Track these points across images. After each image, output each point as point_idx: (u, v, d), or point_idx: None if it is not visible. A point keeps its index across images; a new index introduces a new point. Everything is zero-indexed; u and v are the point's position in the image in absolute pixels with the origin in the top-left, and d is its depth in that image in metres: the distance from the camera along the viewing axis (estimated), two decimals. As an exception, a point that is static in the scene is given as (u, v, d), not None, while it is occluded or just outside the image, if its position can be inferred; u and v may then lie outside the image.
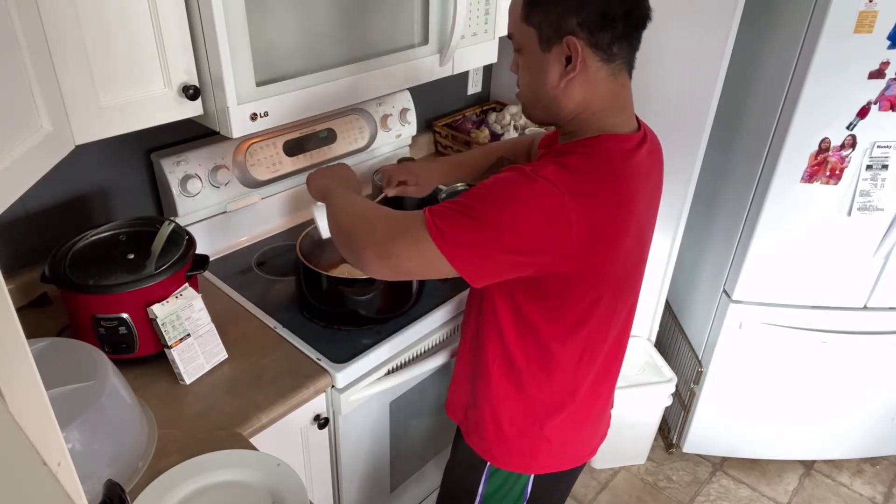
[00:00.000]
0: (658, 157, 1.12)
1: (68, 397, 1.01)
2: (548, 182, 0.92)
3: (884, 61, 1.65)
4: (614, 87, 1.00)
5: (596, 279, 1.01)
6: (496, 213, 0.92)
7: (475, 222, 0.92)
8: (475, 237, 0.92)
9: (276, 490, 1.00)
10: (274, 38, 1.22)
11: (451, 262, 0.93)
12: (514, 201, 0.92)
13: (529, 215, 0.92)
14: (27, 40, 0.93)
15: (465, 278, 0.95)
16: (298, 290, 1.47)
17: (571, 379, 1.13)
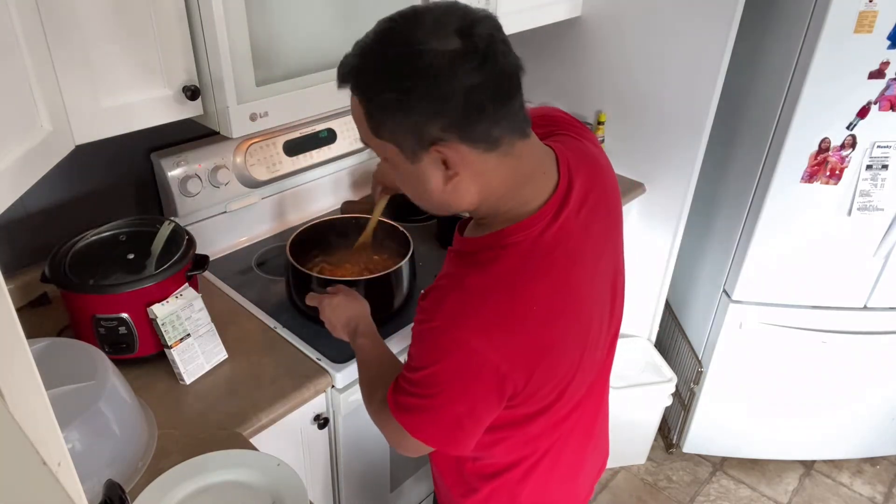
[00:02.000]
0: (600, 184, 0.97)
1: (68, 397, 1.01)
2: (466, 349, 0.83)
3: (884, 61, 1.65)
4: (511, 164, 0.83)
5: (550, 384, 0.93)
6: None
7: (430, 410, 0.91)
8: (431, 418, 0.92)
9: (276, 490, 1.00)
10: (274, 38, 1.22)
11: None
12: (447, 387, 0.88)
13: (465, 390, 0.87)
14: (27, 41, 0.94)
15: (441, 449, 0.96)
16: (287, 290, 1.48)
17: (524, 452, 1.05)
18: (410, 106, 0.76)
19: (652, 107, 1.96)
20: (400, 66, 0.76)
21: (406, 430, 0.92)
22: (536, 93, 2.24)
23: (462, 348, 0.83)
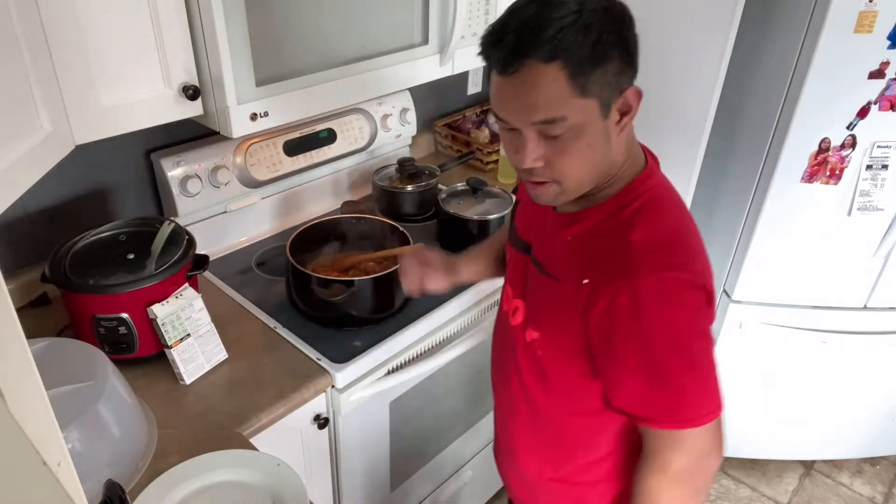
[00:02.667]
0: None
1: (68, 397, 1.01)
2: (687, 291, 0.84)
3: (884, 61, 1.65)
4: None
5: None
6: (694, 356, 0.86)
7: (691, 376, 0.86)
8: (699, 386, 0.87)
9: (276, 490, 1.00)
10: (274, 38, 1.22)
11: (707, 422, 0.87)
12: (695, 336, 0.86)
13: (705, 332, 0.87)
14: (27, 40, 0.94)
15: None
16: (287, 290, 1.47)
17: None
18: (610, 54, 0.80)
19: (651, 107, 1.95)
20: (594, 18, 0.78)
21: (704, 423, 0.86)
22: (536, 93, 2.23)
23: (684, 292, 0.84)
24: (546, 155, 0.85)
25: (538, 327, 0.98)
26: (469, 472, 1.92)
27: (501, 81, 0.83)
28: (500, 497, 2.19)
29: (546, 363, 0.99)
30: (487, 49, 0.83)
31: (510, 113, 0.85)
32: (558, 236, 0.95)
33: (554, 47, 0.77)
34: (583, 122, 0.82)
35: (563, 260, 0.94)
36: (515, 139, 0.87)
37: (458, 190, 1.76)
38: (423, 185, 1.81)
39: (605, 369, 0.90)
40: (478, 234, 1.66)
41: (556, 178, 0.87)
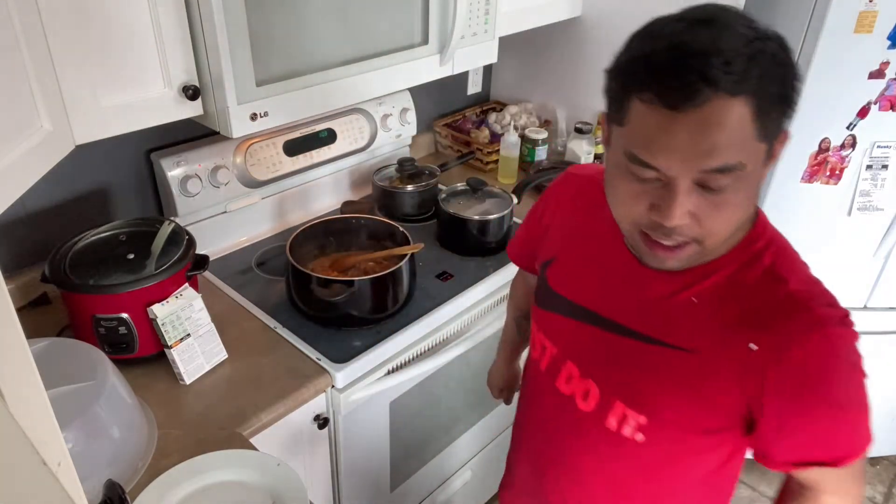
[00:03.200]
0: None
1: (68, 397, 1.01)
2: (851, 335, 0.81)
3: (884, 61, 1.65)
4: None
5: None
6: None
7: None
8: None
9: (276, 490, 1.00)
10: (274, 38, 1.22)
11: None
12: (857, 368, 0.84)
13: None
14: (27, 40, 0.94)
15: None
16: (287, 290, 1.47)
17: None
18: (790, 95, 0.71)
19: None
20: (778, 53, 0.69)
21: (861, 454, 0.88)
22: (537, 93, 2.24)
23: (852, 329, 0.81)
24: (697, 210, 0.71)
25: (644, 410, 0.86)
26: (469, 472, 1.92)
27: (668, 118, 0.67)
28: (500, 497, 2.20)
29: (651, 448, 0.88)
30: (649, 76, 0.68)
31: (672, 158, 0.68)
32: (674, 299, 0.83)
33: (744, 79, 0.65)
34: (751, 171, 0.71)
35: (689, 325, 0.82)
36: (654, 191, 0.72)
37: (458, 190, 1.76)
38: (423, 185, 1.81)
39: (778, 426, 0.81)
40: (478, 234, 1.67)
41: (700, 236, 0.74)
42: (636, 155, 0.71)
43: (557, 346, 0.96)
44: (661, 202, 0.71)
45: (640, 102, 0.68)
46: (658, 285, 0.84)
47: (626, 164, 0.72)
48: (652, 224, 0.74)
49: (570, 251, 0.97)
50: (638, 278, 0.86)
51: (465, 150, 2.10)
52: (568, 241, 0.98)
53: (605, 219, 0.85)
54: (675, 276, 0.83)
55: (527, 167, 2.10)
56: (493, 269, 1.63)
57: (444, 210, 1.68)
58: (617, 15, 1.93)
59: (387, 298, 1.43)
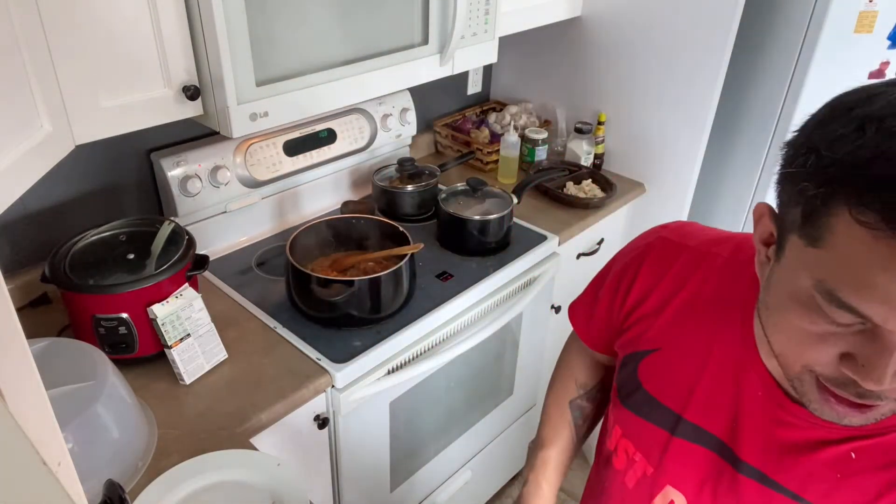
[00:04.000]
0: None
1: (68, 397, 1.01)
2: None
3: (884, 61, 1.65)
4: None
5: None
6: None
7: None
8: None
9: (276, 490, 1.00)
10: (274, 38, 1.22)
11: None
12: None
13: None
14: (27, 40, 0.94)
15: None
16: (287, 290, 1.47)
17: None
18: None
19: (652, 107, 1.96)
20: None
21: None
22: (537, 93, 2.24)
23: None
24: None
25: None
26: (469, 472, 1.92)
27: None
28: (500, 497, 2.20)
29: None
30: (880, 191, 0.47)
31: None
32: (828, 449, 0.67)
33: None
34: None
35: (841, 484, 0.66)
36: (851, 338, 0.54)
37: (458, 190, 1.76)
38: (423, 185, 1.82)
39: None
40: (478, 234, 1.67)
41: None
42: (838, 294, 0.51)
43: (653, 464, 0.80)
44: (864, 357, 0.53)
45: (857, 224, 0.48)
46: (808, 428, 0.67)
47: (812, 298, 0.54)
48: (842, 378, 0.55)
49: (678, 348, 0.78)
50: (780, 411, 0.69)
51: (465, 150, 2.10)
52: (677, 335, 0.78)
53: (737, 320, 0.72)
54: (831, 425, 0.64)
55: (527, 167, 2.10)
56: (493, 269, 1.63)
57: (444, 210, 1.68)
58: (617, 15, 1.93)
59: (387, 298, 1.43)
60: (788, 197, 0.56)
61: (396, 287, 1.44)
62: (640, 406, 0.81)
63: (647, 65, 1.92)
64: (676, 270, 0.79)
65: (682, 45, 1.81)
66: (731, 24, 1.71)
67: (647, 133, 2.00)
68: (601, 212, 1.93)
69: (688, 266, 0.79)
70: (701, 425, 0.75)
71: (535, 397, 2.07)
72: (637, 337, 0.82)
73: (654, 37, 1.88)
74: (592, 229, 1.93)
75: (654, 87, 1.92)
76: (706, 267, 0.78)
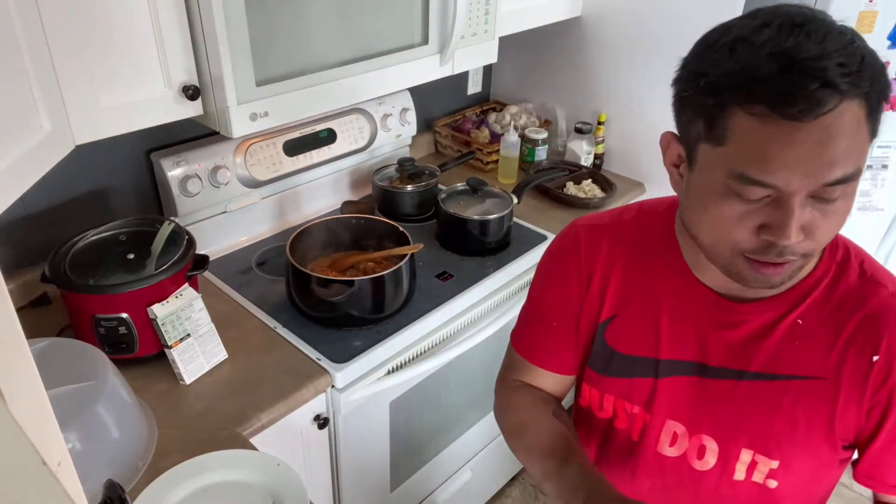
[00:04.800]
0: None
1: (68, 397, 1.01)
2: None
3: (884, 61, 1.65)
4: None
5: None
6: None
7: None
8: None
9: (276, 490, 1.00)
10: (274, 38, 1.22)
11: None
12: None
13: None
14: (27, 40, 0.94)
15: None
16: (287, 290, 1.47)
17: None
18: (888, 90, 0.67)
19: (652, 107, 1.96)
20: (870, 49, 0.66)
21: None
22: (537, 93, 2.24)
23: None
24: (809, 224, 0.66)
25: (776, 453, 0.81)
26: (469, 472, 1.92)
27: (787, 131, 0.61)
28: (500, 497, 2.20)
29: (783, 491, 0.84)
30: (760, 88, 0.62)
31: (794, 173, 0.62)
32: (778, 327, 0.79)
33: (859, 79, 0.61)
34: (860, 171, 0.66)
35: (802, 350, 0.78)
36: (762, 210, 0.67)
37: (458, 190, 1.76)
38: (423, 185, 1.82)
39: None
40: (477, 234, 1.67)
41: (807, 251, 0.69)
42: (747, 174, 0.64)
43: (649, 410, 0.88)
44: (775, 221, 0.65)
45: (749, 117, 0.62)
46: (756, 317, 0.79)
47: (727, 186, 0.66)
48: (762, 245, 0.68)
49: (631, 306, 0.88)
50: (730, 315, 0.80)
51: (465, 150, 2.10)
52: (624, 295, 0.89)
53: (666, 261, 0.83)
54: (770, 303, 0.78)
55: (527, 167, 2.10)
56: (493, 269, 1.63)
57: (444, 210, 1.68)
58: (617, 15, 1.93)
59: (387, 298, 1.43)
60: (689, 117, 0.70)
61: (396, 287, 1.44)
62: (621, 369, 0.89)
63: (647, 65, 1.92)
64: (605, 246, 0.90)
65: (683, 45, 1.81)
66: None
67: (647, 133, 2.00)
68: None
69: (611, 237, 0.91)
70: (675, 358, 0.85)
71: (535, 397, 2.07)
72: (595, 311, 0.91)
73: (655, 37, 1.87)
74: (592, 229, 1.93)
75: (654, 87, 1.92)
76: (623, 233, 0.90)
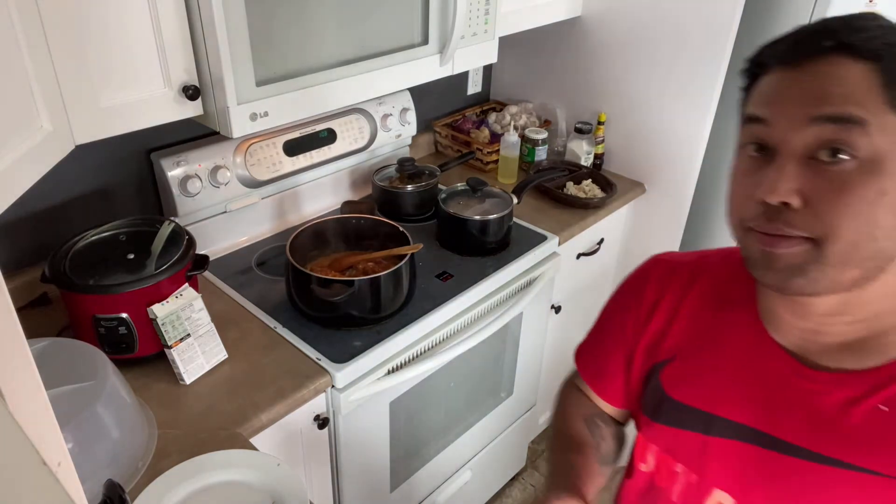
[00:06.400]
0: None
1: (68, 397, 1.01)
2: None
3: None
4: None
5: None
6: None
7: None
8: None
9: (276, 490, 1.00)
10: (274, 38, 1.22)
11: None
12: None
13: None
14: (27, 40, 0.94)
15: None
16: (287, 290, 1.47)
17: None
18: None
19: (652, 107, 1.96)
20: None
21: None
22: (537, 93, 2.24)
23: None
24: (809, 190, 0.60)
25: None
26: (469, 472, 1.92)
27: (787, 74, 0.62)
28: (500, 497, 2.20)
29: None
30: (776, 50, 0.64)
31: (780, 107, 0.61)
32: (857, 407, 0.67)
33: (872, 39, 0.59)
34: (885, 152, 0.58)
35: (876, 440, 0.66)
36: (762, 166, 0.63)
37: (458, 190, 1.76)
38: (423, 185, 1.82)
39: None
40: (477, 234, 1.67)
41: (817, 234, 0.60)
42: (747, 113, 0.65)
43: (695, 470, 0.79)
44: (766, 174, 0.61)
45: (764, 76, 0.64)
46: (834, 389, 0.69)
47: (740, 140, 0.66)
48: (758, 210, 0.62)
49: (695, 351, 0.81)
50: (805, 383, 0.71)
51: (465, 150, 2.10)
52: (692, 339, 0.82)
53: (743, 311, 0.76)
54: (854, 377, 0.68)
55: (527, 167, 2.10)
56: (493, 270, 1.63)
57: (444, 210, 1.68)
58: (617, 15, 1.93)
59: (387, 298, 1.43)
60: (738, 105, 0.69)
61: (396, 287, 1.44)
62: (670, 416, 0.82)
63: (647, 65, 1.92)
64: (678, 281, 0.85)
65: (683, 45, 1.81)
66: (732, 25, 1.71)
67: (646, 133, 2.00)
68: (601, 212, 1.93)
69: (688, 276, 0.85)
70: (734, 419, 0.76)
71: (535, 397, 2.07)
72: (653, 349, 0.85)
73: (655, 37, 1.88)
74: (592, 229, 1.93)
75: (654, 87, 1.92)
76: (704, 273, 0.84)
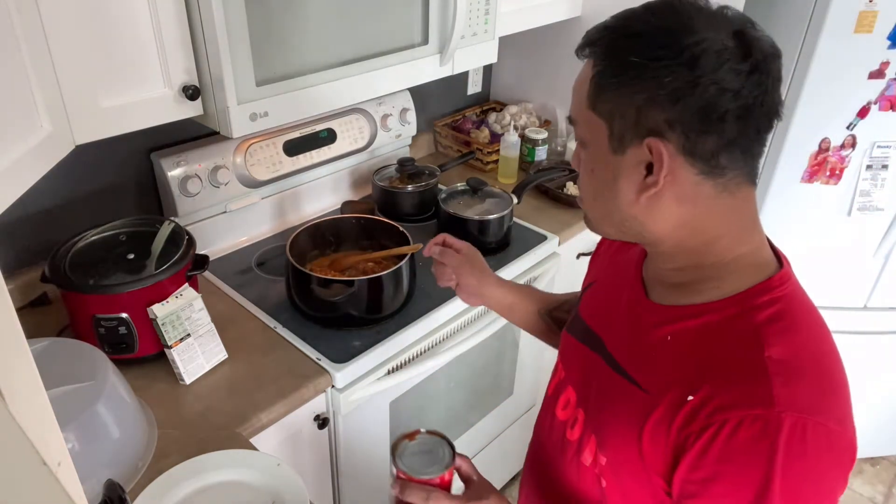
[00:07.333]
0: None
1: (68, 397, 1.01)
2: (834, 432, 0.64)
3: (884, 61, 1.65)
4: (728, 205, 0.69)
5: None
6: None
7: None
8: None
9: (276, 490, 1.00)
10: (274, 38, 1.22)
11: None
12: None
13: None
14: (27, 41, 0.94)
15: None
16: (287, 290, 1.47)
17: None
18: (647, 80, 0.64)
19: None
20: (659, 35, 0.65)
21: None
22: (537, 93, 2.24)
23: (830, 451, 0.65)
24: (577, 157, 0.77)
25: (606, 450, 0.78)
26: (469, 472, 1.92)
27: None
28: (500, 497, 2.19)
29: (611, 495, 0.79)
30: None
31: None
32: (653, 332, 0.75)
33: (601, 39, 0.70)
34: (588, 141, 0.73)
35: (654, 363, 0.74)
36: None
37: (458, 190, 1.76)
38: (423, 185, 1.82)
39: (678, 497, 0.70)
40: (478, 234, 1.66)
41: (579, 193, 0.78)
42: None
43: (565, 370, 0.91)
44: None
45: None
46: (648, 315, 0.77)
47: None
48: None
49: (604, 277, 0.93)
50: (636, 307, 0.80)
51: (465, 150, 2.10)
52: (606, 267, 0.94)
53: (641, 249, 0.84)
54: (660, 308, 0.76)
55: (527, 167, 2.10)
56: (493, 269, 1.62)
57: (444, 210, 1.68)
58: (617, 15, 1.93)
59: (387, 298, 1.43)
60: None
61: (396, 287, 1.44)
62: (572, 326, 0.93)
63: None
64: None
65: (682, 45, 1.81)
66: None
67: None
68: (601, 212, 1.93)
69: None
70: (597, 332, 0.85)
71: (535, 397, 2.07)
72: (588, 275, 0.99)
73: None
74: (592, 229, 1.93)
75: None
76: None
